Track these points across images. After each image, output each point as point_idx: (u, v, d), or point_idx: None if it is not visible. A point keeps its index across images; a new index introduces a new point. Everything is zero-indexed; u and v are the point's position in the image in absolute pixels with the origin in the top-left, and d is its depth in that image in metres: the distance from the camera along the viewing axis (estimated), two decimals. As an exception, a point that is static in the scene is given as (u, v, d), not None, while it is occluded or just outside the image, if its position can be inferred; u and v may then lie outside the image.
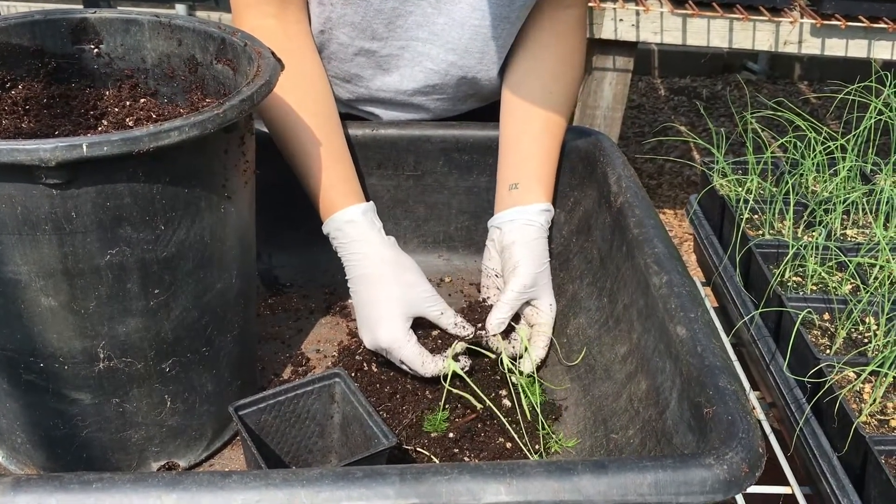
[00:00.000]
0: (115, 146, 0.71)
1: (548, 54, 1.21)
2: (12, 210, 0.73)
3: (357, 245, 1.08)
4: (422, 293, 1.05)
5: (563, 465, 0.70)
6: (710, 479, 0.70)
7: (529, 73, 1.21)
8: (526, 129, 1.18)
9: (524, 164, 1.17)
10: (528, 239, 1.12)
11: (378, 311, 1.04)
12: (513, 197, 1.15)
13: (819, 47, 2.48)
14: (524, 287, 1.08)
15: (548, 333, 1.10)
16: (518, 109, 1.20)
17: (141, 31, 0.99)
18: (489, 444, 1.00)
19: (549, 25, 1.21)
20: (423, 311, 1.05)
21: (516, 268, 1.09)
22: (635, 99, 4.37)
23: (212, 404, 0.94)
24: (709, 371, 0.80)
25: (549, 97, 1.19)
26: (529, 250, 1.11)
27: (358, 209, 1.10)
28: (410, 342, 1.03)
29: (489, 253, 1.17)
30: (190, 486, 0.66)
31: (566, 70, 1.22)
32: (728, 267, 1.25)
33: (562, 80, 1.21)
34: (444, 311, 1.06)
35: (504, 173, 1.18)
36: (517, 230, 1.12)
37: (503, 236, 1.13)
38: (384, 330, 1.03)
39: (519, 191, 1.15)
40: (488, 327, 1.07)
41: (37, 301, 0.78)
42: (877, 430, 0.93)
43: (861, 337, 1.06)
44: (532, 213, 1.13)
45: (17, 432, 0.89)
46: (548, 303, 1.11)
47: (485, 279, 1.17)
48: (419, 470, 0.69)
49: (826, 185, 1.31)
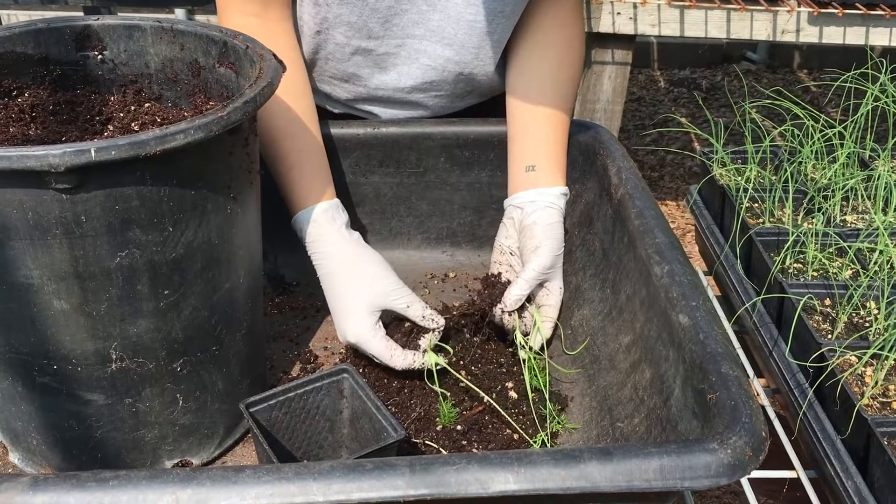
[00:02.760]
0: (123, 150, 0.73)
1: (550, 41, 1.22)
2: (23, 215, 0.75)
3: (319, 244, 1.09)
4: (386, 286, 1.06)
5: (569, 452, 0.71)
6: (714, 464, 0.71)
7: (534, 59, 1.22)
8: (537, 111, 1.19)
9: (539, 147, 1.18)
10: (551, 221, 1.13)
11: (343, 308, 1.06)
12: (530, 179, 1.17)
13: (817, 35, 2.49)
14: (544, 268, 1.10)
15: (554, 316, 1.13)
16: (528, 92, 1.21)
17: (144, 37, 1.00)
18: (497, 436, 1.01)
19: (550, 13, 1.22)
20: (388, 304, 1.05)
21: (538, 248, 1.11)
22: (635, 91, 4.37)
23: (223, 402, 0.95)
24: (711, 358, 0.81)
25: (557, 82, 1.21)
26: (551, 233, 1.12)
27: (318, 208, 1.10)
28: (377, 336, 1.04)
29: (506, 230, 1.18)
30: (204, 482, 0.68)
31: (569, 56, 1.24)
32: (729, 255, 1.26)
33: (566, 66, 1.23)
34: (412, 303, 1.06)
35: (518, 154, 1.19)
36: (539, 211, 1.14)
37: (524, 216, 1.15)
38: (350, 325, 1.05)
39: (536, 173, 1.16)
40: (506, 302, 1.09)
41: (49, 304, 0.80)
42: (879, 412, 0.94)
43: (862, 321, 1.07)
44: (553, 195, 1.15)
45: (32, 434, 0.90)
46: (558, 286, 1.14)
47: (497, 255, 1.18)
48: (429, 461, 0.70)
49: (825, 172, 1.32)
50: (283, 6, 1.15)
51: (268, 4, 1.13)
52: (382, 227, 1.31)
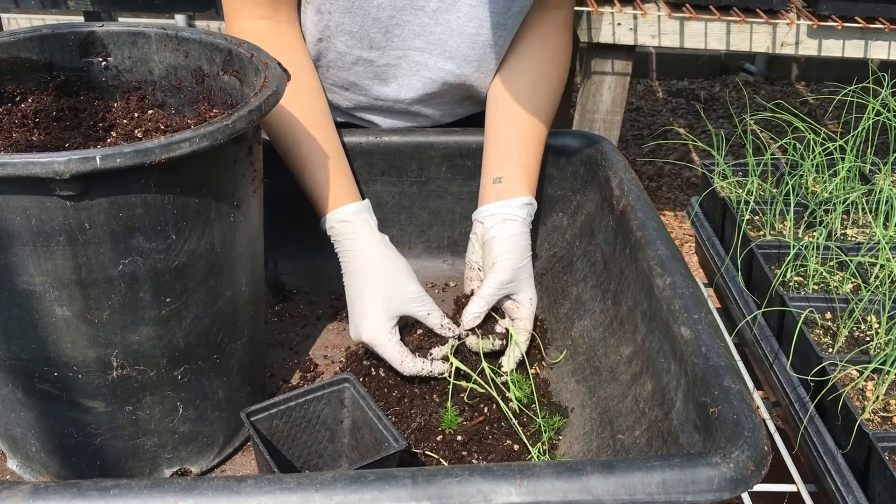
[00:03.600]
0: (128, 158, 0.73)
1: (535, 53, 1.23)
2: (27, 222, 0.75)
3: (349, 243, 1.10)
4: (409, 293, 1.07)
5: (572, 465, 0.71)
6: (717, 478, 0.71)
7: (516, 71, 1.23)
8: (511, 124, 1.20)
9: (508, 159, 1.18)
10: (509, 234, 1.13)
11: (363, 307, 1.06)
12: (496, 191, 1.16)
13: (816, 48, 2.50)
14: (501, 283, 1.10)
15: (528, 328, 1.12)
16: (504, 105, 1.21)
17: (148, 44, 1.00)
18: (497, 447, 1.01)
19: (537, 25, 1.23)
20: (408, 310, 1.06)
21: (494, 263, 1.11)
22: (634, 102, 4.38)
23: (223, 411, 0.95)
24: (713, 371, 0.81)
25: (535, 95, 1.21)
26: (508, 245, 1.12)
27: (350, 208, 1.11)
28: (392, 340, 1.04)
29: (472, 246, 1.18)
30: (206, 491, 0.67)
31: (552, 68, 1.24)
32: (730, 268, 1.26)
33: (548, 79, 1.23)
34: (432, 311, 1.07)
35: (489, 167, 1.19)
36: (498, 225, 1.13)
37: (485, 231, 1.15)
38: (367, 325, 1.05)
39: (502, 185, 1.16)
40: (463, 321, 1.09)
41: (51, 311, 0.80)
42: (880, 426, 0.94)
43: (863, 335, 1.07)
44: (514, 207, 1.14)
45: (31, 441, 0.90)
46: (528, 297, 1.12)
47: (468, 271, 1.18)
48: (431, 472, 0.70)
49: (826, 185, 1.32)
50: (291, 8, 1.16)
51: (277, 7, 1.14)
52: (383, 236, 1.31)
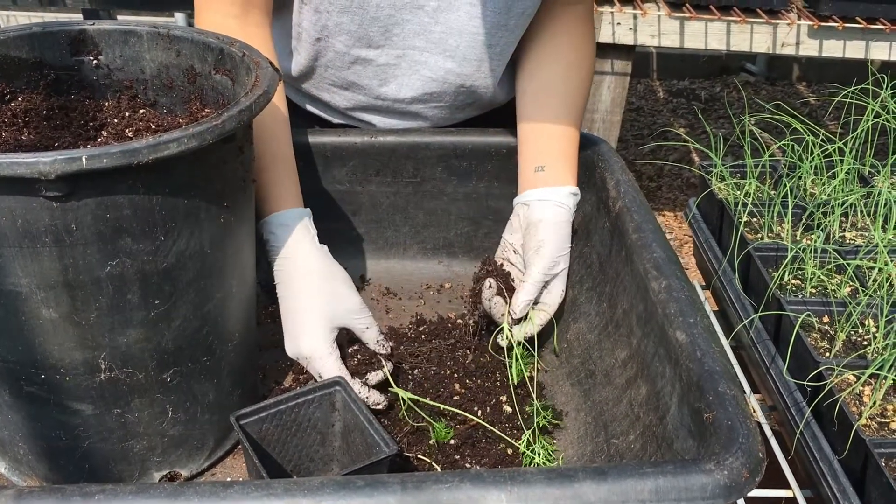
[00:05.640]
0: (115, 158, 0.72)
1: (561, 45, 1.22)
2: (13, 223, 0.74)
3: (287, 250, 1.04)
4: (350, 305, 1.02)
5: (563, 471, 0.70)
6: (710, 485, 0.70)
7: (544, 63, 1.22)
8: (547, 111, 1.18)
9: (549, 146, 1.17)
10: (557, 220, 1.11)
11: (302, 320, 1.01)
12: (540, 178, 1.15)
13: (817, 49, 2.49)
14: (548, 268, 1.09)
15: (550, 313, 1.11)
16: (538, 93, 1.20)
17: (140, 43, 0.99)
18: (490, 451, 1.00)
19: (560, 18, 1.22)
20: (349, 322, 1.02)
21: (540, 248, 1.09)
22: (634, 101, 4.37)
23: (213, 413, 0.94)
24: (708, 376, 0.80)
25: (567, 84, 1.20)
26: (555, 230, 1.11)
27: (293, 213, 1.06)
28: (333, 355, 1.00)
29: (511, 227, 1.17)
30: (191, 497, 0.67)
31: (578, 59, 1.23)
32: (727, 270, 1.25)
33: (575, 69, 1.22)
34: (370, 325, 1.03)
35: (528, 155, 1.18)
36: (548, 209, 1.12)
37: (531, 213, 1.13)
38: (307, 338, 1.00)
39: (546, 173, 1.15)
40: (514, 310, 1.07)
41: (38, 313, 0.79)
42: (877, 432, 0.93)
43: (860, 339, 1.06)
44: (562, 195, 1.13)
45: (19, 444, 0.89)
46: (560, 288, 1.11)
47: (500, 251, 1.17)
48: (420, 478, 0.69)
49: (824, 187, 1.32)
50: (264, 13, 1.13)
51: (248, 9, 1.11)
52: (378, 237, 1.31)
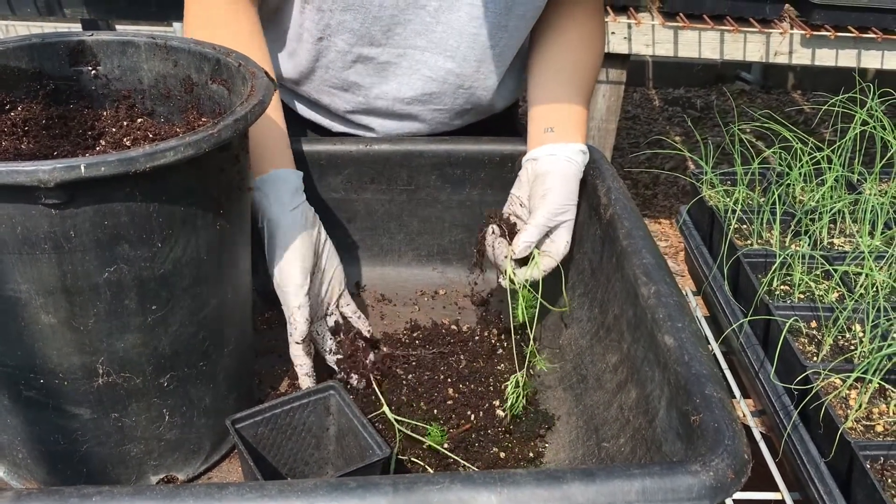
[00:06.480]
0: (113, 166, 0.73)
1: (569, 38, 1.24)
2: (12, 230, 0.75)
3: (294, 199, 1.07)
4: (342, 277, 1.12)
5: (552, 473, 0.72)
6: (696, 486, 0.71)
7: (555, 51, 1.24)
8: (558, 78, 1.21)
9: (559, 110, 1.19)
10: (565, 172, 1.13)
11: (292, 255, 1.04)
12: (549, 137, 1.17)
13: (809, 57, 2.51)
14: (552, 213, 1.10)
15: (555, 262, 1.12)
16: (549, 65, 1.23)
17: (137, 53, 1.01)
18: (483, 454, 1.01)
19: (569, 12, 1.24)
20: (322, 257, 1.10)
21: (546, 195, 1.10)
22: (630, 110, 4.39)
23: (209, 418, 0.95)
24: (696, 379, 0.82)
25: (579, 63, 1.23)
26: (563, 181, 1.12)
27: (298, 174, 1.11)
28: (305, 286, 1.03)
29: (519, 182, 1.18)
30: (187, 499, 0.68)
31: (590, 46, 1.26)
32: (717, 276, 1.27)
33: (585, 52, 1.25)
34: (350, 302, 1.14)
35: (537, 117, 1.20)
36: (556, 163, 1.14)
37: (538, 165, 1.15)
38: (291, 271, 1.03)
39: (555, 133, 1.17)
40: (515, 249, 1.09)
41: (37, 318, 0.80)
42: (862, 435, 0.94)
43: (847, 344, 1.08)
44: (572, 151, 1.15)
45: (17, 448, 0.90)
46: (565, 238, 1.12)
47: (507, 206, 1.19)
48: (411, 480, 0.70)
49: (813, 194, 1.33)
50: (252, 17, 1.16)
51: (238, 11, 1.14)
52: (373, 244, 1.32)
